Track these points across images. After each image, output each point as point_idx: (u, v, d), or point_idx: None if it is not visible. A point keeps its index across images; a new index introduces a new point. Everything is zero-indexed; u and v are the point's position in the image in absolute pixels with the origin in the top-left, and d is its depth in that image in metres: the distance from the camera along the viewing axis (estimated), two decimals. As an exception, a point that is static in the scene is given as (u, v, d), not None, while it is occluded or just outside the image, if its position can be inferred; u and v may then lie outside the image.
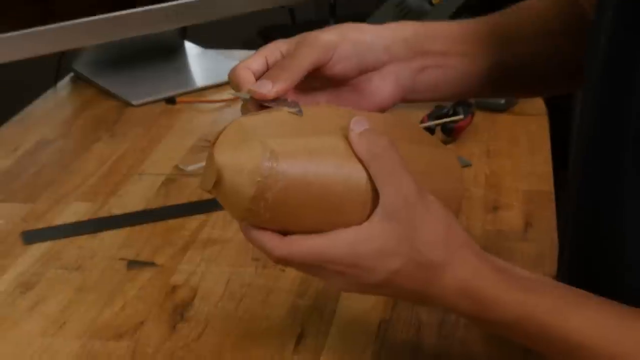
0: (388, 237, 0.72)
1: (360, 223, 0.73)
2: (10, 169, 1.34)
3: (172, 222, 1.17)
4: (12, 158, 1.37)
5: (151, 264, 1.08)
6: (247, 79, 0.81)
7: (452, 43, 0.93)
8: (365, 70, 0.87)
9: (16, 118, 1.53)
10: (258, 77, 0.82)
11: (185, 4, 1.64)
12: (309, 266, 0.74)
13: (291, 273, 1.04)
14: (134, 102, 1.57)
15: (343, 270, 0.73)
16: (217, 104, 1.56)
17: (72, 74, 1.71)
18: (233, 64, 0.84)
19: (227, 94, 1.56)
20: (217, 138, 0.73)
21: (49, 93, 1.65)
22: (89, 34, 1.54)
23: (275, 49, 0.84)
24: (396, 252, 0.72)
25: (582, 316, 0.73)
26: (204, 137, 1.42)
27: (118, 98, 1.60)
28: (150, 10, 1.60)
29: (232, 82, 0.82)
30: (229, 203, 0.72)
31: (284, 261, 0.74)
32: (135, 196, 1.24)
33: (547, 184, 1.27)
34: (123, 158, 1.37)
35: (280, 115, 0.76)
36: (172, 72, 1.72)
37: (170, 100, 1.58)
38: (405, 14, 1.43)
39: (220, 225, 1.16)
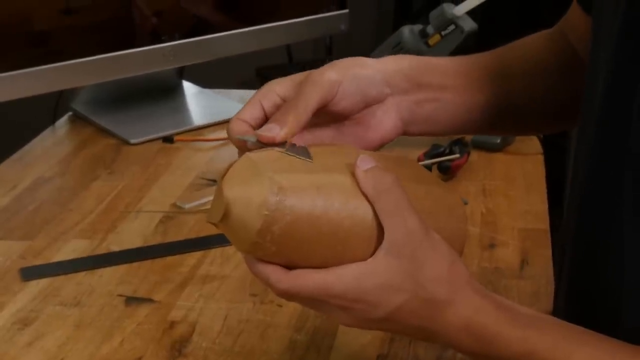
0: (393, 273, 0.73)
1: (365, 259, 0.73)
2: (9, 206, 1.35)
3: (170, 259, 1.18)
4: (10, 196, 1.38)
5: (149, 300, 1.08)
6: (241, 131, 0.81)
7: (448, 77, 0.93)
8: (369, 105, 0.87)
9: (15, 156, 1.54)
10: (257, 125, 0.82)
11: (183, 44, 1.65)
12: (313, 300, 0.74)
13: (288, 309, 1.05)
14: (132, 141, 1.58)
15: (347, 305, 0.73)
16: (215, 143, 1.57)
17: (70, 113, 1.72)
18: (230, 103, 0.84)
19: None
20: (226, 172, 0.74)
21: (48, 131, 1.66)
22: (88, 73, 1.55)
23: (270, 91, 0.83)
24: (400, 287, 0.73)
25: (583, 353, 0.74)
26: (201, 175, 1.43)
27: (116, 137, 1.61)
28: (149, 50, 1.61)
29: (228, 135, 0.82)
30: (235, 236, 0.73)
31: (288, 294, 0.74)
32: (133, 233, 1.25)
33: (543, 223, 1.27)
34: (121, 196, 1.37)
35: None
36: (169, 111, 1.73)
37: (168, 139, 1.59)
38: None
39: (219, 262, 1.16)
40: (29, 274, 1.14)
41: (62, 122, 1.70)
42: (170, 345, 0.99)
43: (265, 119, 0.82)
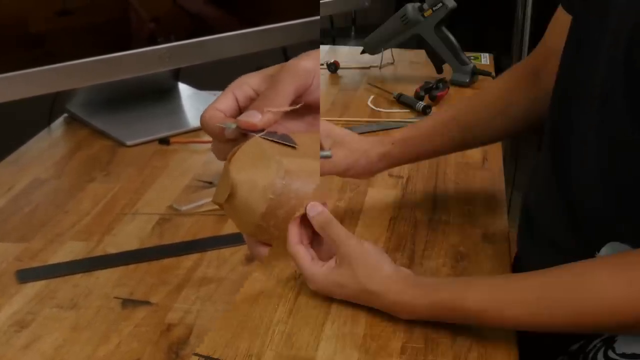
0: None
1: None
2: (5, 208, 1.34)
3: (166, 261, 1.17)
4: (6, 198, 1.38)
5: (146, 302, 1.08)
6: (218, 118, 0.81)
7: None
8: None
9: (10, 158, 1.54)
10: (231, 116, 0.82)
11: (179, 46, 1.65)
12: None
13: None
14: (128, 143, 1.58)
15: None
16: (211, 145, 1.57)
17: (66, 115, 1.72)
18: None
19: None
20: (234, 153, 0.73)
21: (43, 133, 1.66)
22: (83, 75, 1.55)
23: (244, 84, 0.85)
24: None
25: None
26: (197, 178, 1.43)
27: (112, 138, 1.61)
28: (144, 52, 1.61)
29: (203, 124, 0.82)
30: (239, 218, 0.73)
31: None
32: (129, 235, 1.25)
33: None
34: (117, 198, 1.37)
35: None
36: (165, 113, 1.73)
37: (164, 141, 1.59)
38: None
39: (215, 264, 1.16)
40: (25, 276, 1.14)
41: (58, 123, 1.70)
42: (168, 348, 0.99)
43: (239, 111, 0.83)
